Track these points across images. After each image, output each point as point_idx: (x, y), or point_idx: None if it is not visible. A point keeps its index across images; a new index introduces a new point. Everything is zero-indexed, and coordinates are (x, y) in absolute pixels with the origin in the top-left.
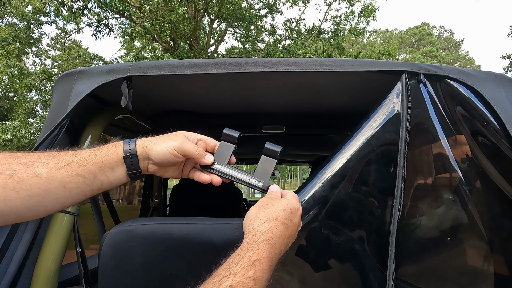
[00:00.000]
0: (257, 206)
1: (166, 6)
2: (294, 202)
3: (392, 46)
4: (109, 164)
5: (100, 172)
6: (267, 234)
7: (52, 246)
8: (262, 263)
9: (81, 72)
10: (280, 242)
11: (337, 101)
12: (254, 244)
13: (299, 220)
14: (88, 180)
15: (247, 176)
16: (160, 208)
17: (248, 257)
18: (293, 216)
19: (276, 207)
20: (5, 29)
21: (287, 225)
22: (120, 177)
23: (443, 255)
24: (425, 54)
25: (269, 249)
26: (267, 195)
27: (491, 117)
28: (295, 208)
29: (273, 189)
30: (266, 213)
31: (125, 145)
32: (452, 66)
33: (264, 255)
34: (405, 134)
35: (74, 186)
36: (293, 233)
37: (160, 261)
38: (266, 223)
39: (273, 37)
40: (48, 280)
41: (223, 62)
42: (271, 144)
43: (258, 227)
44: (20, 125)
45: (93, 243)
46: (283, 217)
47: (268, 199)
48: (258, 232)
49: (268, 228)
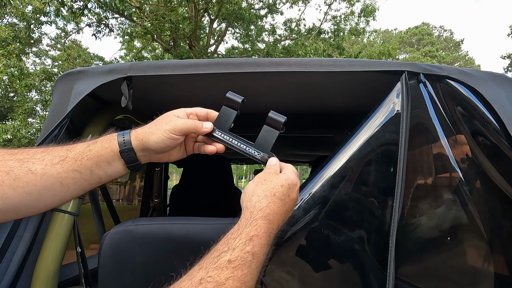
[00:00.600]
0: (255, 182)
1: (166, 6)
2: (293, 177)
3: (392, 46)
4: (105, 159)
5: (96, 167)
6: (265, 211)
7: (52, 246)
8: (260, 238)
9: (81, 72)
10: (278, 218)
11: (337, 101)
12: (252, 220)
13: (297, 195)
14: (85, 175)
15: (247, 146)
16: (160, 208)
17: (246, 233)
18: (291, 191)
19: (274, 183)
20: (5, 29)
21: (284, 201)
22: (119, 170)
23: (443, 255)
24: (425, 54)
25: (267, 225)
26: (265, 169)
27: (491, 117)
28: (293, 184)
29: (272, 162)
30: (264, 189)
31: (119, 138)
32: (452, 66)
33: (262, 231)
34: (405, 134)
35: (71, 181)
36: (290, 207)
37: (160, 261)
38: (263, 199)
39: (273, 37)
40: (48, 280)
41: (223, 62)
42: (275, 113)
43: (255, 203)
44: (20, 125)
45: (93, 243)
46: (281, 193)
47: (266, 174)
48: (256, 208)
49: (266, 205)
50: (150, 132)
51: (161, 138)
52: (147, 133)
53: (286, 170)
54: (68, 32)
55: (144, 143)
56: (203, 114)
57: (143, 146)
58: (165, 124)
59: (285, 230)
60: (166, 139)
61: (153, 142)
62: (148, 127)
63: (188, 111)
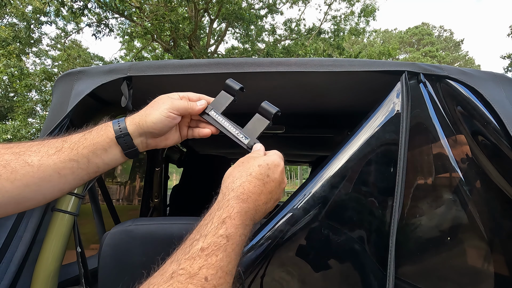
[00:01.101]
0: (233, 166)
1: (166, 6)
2: (274, 158)
3: (392, 46)
4: (101, 146)
5: (93, 155)
6: (238, 190)
7: (52, 246)
8: (233, 219)
9: (81, 72)
10: (255, 198)
11: (337, 101)
12: (224, 202)
13: (281, 177)
14: (82, 164)
15: (236, 130)
16: (160, 208)
17: (218, 216)
18: (271, 171)
19: (251, 164)
20: (5, 29)
21: (263, 180)
22: (116, 157)
23: (443, 255)
24: (425, 54)
25: (240, 204)
26: (248, 154)
27: (491, 117)
28: (273, 164)
29: (256, 148)
30: (240, 170)
31: (115, 124)
32: (452, 66)
33: (235, 211)
34: (405, 134)
35: (68, 172)
36: (273, 188)
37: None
38: (237, 180)
39: (273, 37)
40: (48, 280)
41: (223, 62)
42: (268, 104)
43: (229, 184)
44: (20, 125)
45: (93, 243)
46: (257, 172)
47: (246, 157)
48: (229, 189)
49: (239, 184)
50: (146, 114)
51: (160, 118)
52: (143, 116)
53: (269, 153)
54: (68, 32)
55: (141, 126)
56: (195, 98)
57: (140, 130)
58: (163, 104)
59: (285, 230)
60: (164, 118)
61: (151, 123)
62: (144, 111)
63: (181, 95)
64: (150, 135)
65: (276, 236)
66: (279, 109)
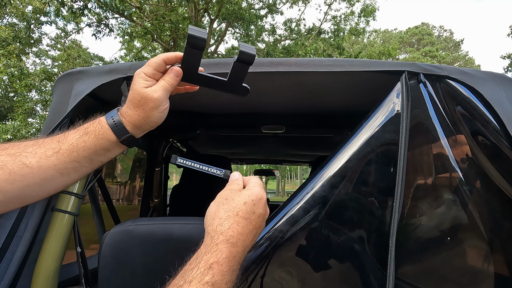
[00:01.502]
0: (216, 202)
1: (166, 6)
2: (257, 191)
3: (392, 46)
4: (103, 148)
5: (95, 155)
6: (227, 233)
7: (52, 246)
8: (221, 264)
9: (81, 72)
10: (243, 239)
11: (337, 101)
12: (212, 246)
13: (264, 210)
14: (84, 163)
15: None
16: (160, 208)
17: (205, 260)
18: (256, 207)
19: (237, 201)
20: (5, 29)
21: (249, 219)
22: (119, 152)
23: (443, 255)
24: (425, 54)
25: (229, 249)
26: (227, 186)
27: (491, 117)
28: (257, 198)
29: (234, 177)
30: (226, 210)
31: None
32: (452, 66)
33: (223, 256)
34: (405, 134)
35: (71, 171)
36: (258, 224)
37: (160, 261)
38: (225, 221)
39: (273, 37)
40: (48, 280)
41: (223, 62)
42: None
43: (217, 227)
44: (20, 125)
45: (93, 243)
46: (244, 211)
47: (228, 192)
48: (217, 232)
49: (228, 227)
50: (145, 117)
51: (159, 118)
52: (142, 120)
53: (249, 184)
54: (68, 32)
55: (142, 129)
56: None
57: (142, 130)
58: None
59: (285, 230)
60: (162, 116)
61: (153, 123)
62: (137, 113)
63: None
64: (151, 128)
65: (276, 236)
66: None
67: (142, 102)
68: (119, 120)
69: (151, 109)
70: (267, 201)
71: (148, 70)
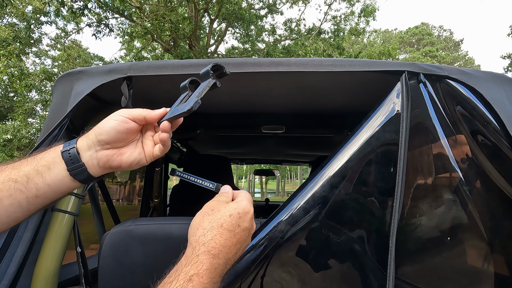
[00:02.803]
0: (202, 213)
1: (166, 6)
2: (244, 205)
3: (392, 46)
4: (45, 162)
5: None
6: (209, 244)
7: (52, 246)
8: (201, 276)
9: (81, 72)
10: (226, 251)
11: (337, 101)
12: (193, 257)
13: (250, 224)
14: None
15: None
16: (160, 208)
17: (185, 273)
18: (242, 220)
19: (222, 213)
20: (5, 29)
21: (233, 231)
22: (59, 178)
23: (443, 255)
24: (425, 54)
25: (210, 260)
26: (215, 198)
27: (491, 117)
28: (244, 212)
29: (225, 190)
30: (210, 221)
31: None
32: (452, 66)
33: (204, 268)
34: (405, 134)
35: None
36: (242, 238)
37: (160, 261)
38: (209, 232)
39: (273, 37)
40: (48, 280)
41: (223, 62)
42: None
43: (199, 237)
44: (20, 125)
45: (93, 243)
46: (229, 223)
47: (215, 203)
48: (199, 243)
49: (211, 238)
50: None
51: (107, 122)
52: (96, 127)
53: (238, 198)
54: (68, 32)
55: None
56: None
57: (88, 141)
58: (118, 112)
59: (285, 230)
60: (112, 121)
61: (98, 129)
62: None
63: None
64: (98, 144)
65: (276, 236)
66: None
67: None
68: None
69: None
70: (266, 202)
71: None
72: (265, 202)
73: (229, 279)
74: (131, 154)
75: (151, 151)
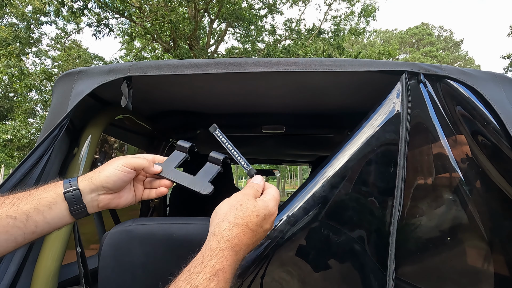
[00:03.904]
0: (229, 203)
1: (166, 6)
2: (271, 207)
3: (392, 46)
4: (46, 202)
5: (34, 211)
6: (233, 241)
7: (52, 246)
8: (226, 272)
9: (81, 72)
10: (245, 249)
11: (337, 101)
12: (218, 251)
13: (271, 225)
14: (19, 221)
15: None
16: (160, 208)
17: (210, 266)
18: (265, 222)
19: (250, 211)
20: (5, 29)
21: (256, 231)
22: (60, 216)
23: (443, 255)
24: (425, 54)
25: (233, 257)
26: (245, 188)
27: (491, 117)
28: (270, 214)
29: (257, 181)
30: (237, 216)
31: (66, 182)
32: (452, 66)
33: (228, 263)
34: (405, 134)
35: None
36: (260, 238)
37: (160, 261)
38: (234, 228)
39: (273, 37)
40: (48, 280)
41: (223, 62)
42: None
43: (224, 231)
44: (20, 125)
45: (93, 243)
46: (254, 223)
47: (244, 196)
48: (224, 237)
49: (235, 234)
50: (100, 169)
51: (113, 172)
52: (97, 172)
53: (266, 195)
54: (68, 32)
55: (93, 182)
56: (150, 158)
57: (92, 185)
58: (118, 160)
59: (285, 230)
60: (118, 172)
61: (104, 177)
62: (98, 168)
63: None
64: (102, 190)
65: (276, 236)
66: (226, 156)
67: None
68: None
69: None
70: None
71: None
72: None
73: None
74: (126, 198)
75: (141, 194)
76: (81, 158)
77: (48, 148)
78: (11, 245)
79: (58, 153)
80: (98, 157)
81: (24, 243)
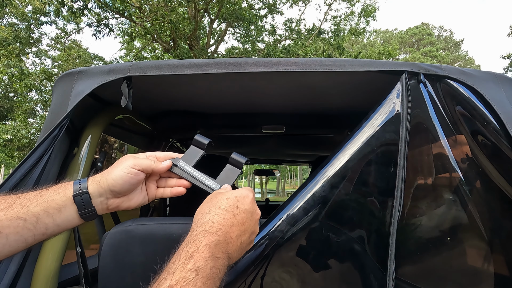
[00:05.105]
0: (203, 203)
1: (166, 6)
2: (242, 191)
3: (392, 46)
4: (55, 204)
5: (44, 214)
6: (207, 224)
7: (52, 246)
8: (202, 252)
9: (81, 72)
10: (225, 230)
11: (337, 101)
12: (192, 237)
13: (251, 207)
14: (29, 223)
15: (206, 179)
16: (160, 208)
17: (186, 251)
18: (241, 203)
19: (219, 198)
20: (5, 29)
21: (232, 212)
22: (70, 219)
23: (443, 255)
24: (425, 54)
25: (208, 237)
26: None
27: (491, 117)
28: (242, 196)
29: (224, 187)
30: (208, 206)
31: (75, 184)
32: (452, 66)
33: (203, 244)
34: (405, 134)
35: (12, 231)
36: (245, 220)
37: (160, 261)
38: (206, 215)
39: (273, 37)
40: (48, 280)
41: (223, 62)
42: (238, 155)
43: (198, 221)
44: (20, 125)
45: (93, 243)
46: (226, 204)
47: (215, 193)
48: (198, 224)
49: (209, 219)
50: (108, 172)
51: (120, 174)
52: (105, 174)
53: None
54: (68, 32)
55: (101, 185)
56: (162, 156)
57: (100, 189)
58: (125, 161)
59: (285, 230)
60: (125, 175)
61: (111, 180)
62: (106, 170)
63: (147, 154)
64: (111, 193)
65: (276, 236)
66: (248, 159)
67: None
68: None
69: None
70: (267, 201)
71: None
72: (265, 202)
73: (229, 279)
74: (137, 199)
75: (153, 193)
76: (81, 158)
77: (48, 148)
78: (22, 245)
79: (58, 153)
80: (98, 157)
81: (34, 243)
